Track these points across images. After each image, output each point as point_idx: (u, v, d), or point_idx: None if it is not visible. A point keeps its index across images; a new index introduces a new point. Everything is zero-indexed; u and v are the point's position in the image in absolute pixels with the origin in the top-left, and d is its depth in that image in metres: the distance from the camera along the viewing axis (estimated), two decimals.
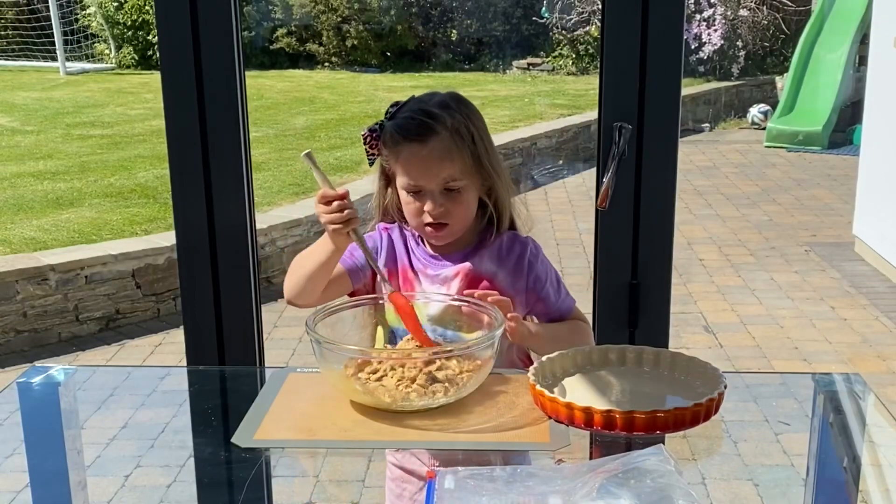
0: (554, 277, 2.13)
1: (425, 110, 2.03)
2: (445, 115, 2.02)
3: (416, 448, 1.89)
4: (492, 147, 2.08)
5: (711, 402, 1.65)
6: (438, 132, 2.00)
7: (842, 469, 1.84)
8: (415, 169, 2.02)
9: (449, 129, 2.01)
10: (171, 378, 2.39)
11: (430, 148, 2.00)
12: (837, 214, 7.67)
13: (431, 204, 2.02)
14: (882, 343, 5.17)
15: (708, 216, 7.69)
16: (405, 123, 2.03)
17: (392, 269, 2.14)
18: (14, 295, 5.24)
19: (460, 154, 2.01)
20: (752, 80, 12.30)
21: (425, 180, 2.02)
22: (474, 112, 2.08)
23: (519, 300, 2.08)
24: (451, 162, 2.01)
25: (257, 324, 2.70)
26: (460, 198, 2.03)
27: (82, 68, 14.16)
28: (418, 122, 2.01)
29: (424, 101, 2.08)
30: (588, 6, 12.37)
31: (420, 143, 2.00)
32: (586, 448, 1.72)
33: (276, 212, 6.67)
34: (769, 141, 10.37)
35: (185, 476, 1.87)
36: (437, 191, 2.02)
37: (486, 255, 2.10)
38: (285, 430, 1.75)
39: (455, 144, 2.01)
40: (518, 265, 2.09)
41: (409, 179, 2.03)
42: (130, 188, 7.59)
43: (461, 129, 2.01)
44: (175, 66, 2.56)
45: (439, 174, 2.01)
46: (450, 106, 2.04)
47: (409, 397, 1.72)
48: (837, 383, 2.05)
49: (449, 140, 2.00)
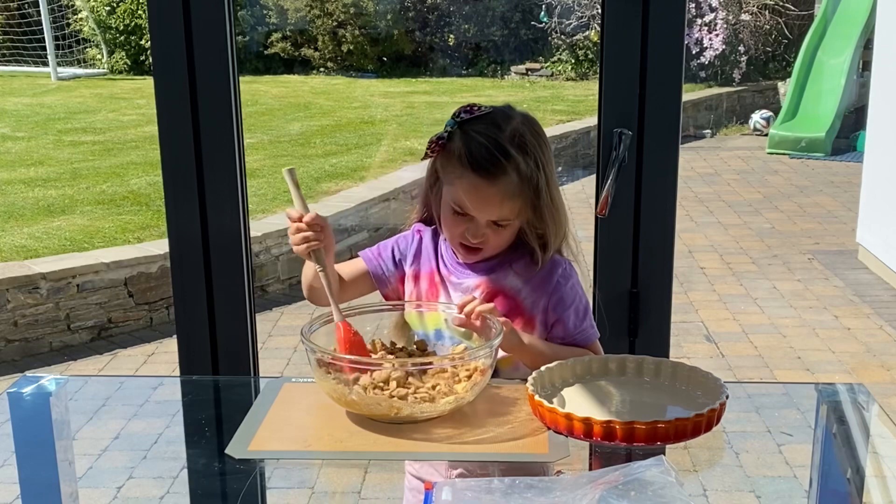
0: (582, 305, 2.08)
1: (501, 145, 1.96)
2: (520, 158, 1.96)
3: (411, 459, 1.87)
4: (554, 189, 2.03)
5: (713, 412, 1.64)
6: (508, 174, 1.95)
7: (845, 480, 1.83)
8: (472, 200, 1.97)
9: (519, 173, 1.96)
10: (164, 388, 2.37)
11: (495, 188, 1.96)
12: (841, 222, 7.67)
13: (475, 231, 1.99)
14: (886, 353, 5.15)
15: (709, 224, 7.68)
16: (477, 152, 1.96)
17: (419, 271, 2.13)
18: (5, 304, 5.22)
19: (522, 199, 1.98)
20: (754, 85, 12.31)
21: (478, 213, 1.98)
22: (546, 149, 2.03)
23: (539, 319, 2.05)
24: (510, 203, 1.97)
25: (251, 333, 2.69)
26: (503, 232, 2.01)
27: (74, 73, 14.15)
28: (490, 158, 1.95)
29: (500, 126, 1.99)
30: (588, 10, 12.37)
31: (487, 180, 1.95)
32: (586, 459, 1.71)
33: (271, 219, 6.66)
34: (771, 147, 10.37)
35: (178, 487, 1.86)
36: (484, 223, 1.99)
37: (513, 269, 2.07)
38: (280, 441, 1.74)
39: (519, 187, 1.96)
40: (543, 283, 2.05)
41: (461, 204, 1.99)
42: (123, 195, 7.58)
43: (532, 177, 1.97)
44: (168, 71, 2.55)
45: (494, 213, 1.98)
46: (526, 145, 1.98)
47: (405, 408, 1.70)
48: (841, 393, 2.04)
49: (516, 185, 1.96)
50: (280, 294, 6.16)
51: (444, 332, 2.00)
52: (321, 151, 8.99)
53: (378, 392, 1.71)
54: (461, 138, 1.99)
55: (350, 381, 1.73)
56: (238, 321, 2.68)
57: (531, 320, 2.04)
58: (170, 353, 5.15)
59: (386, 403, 1.70)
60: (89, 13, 14.40)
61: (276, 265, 6.21)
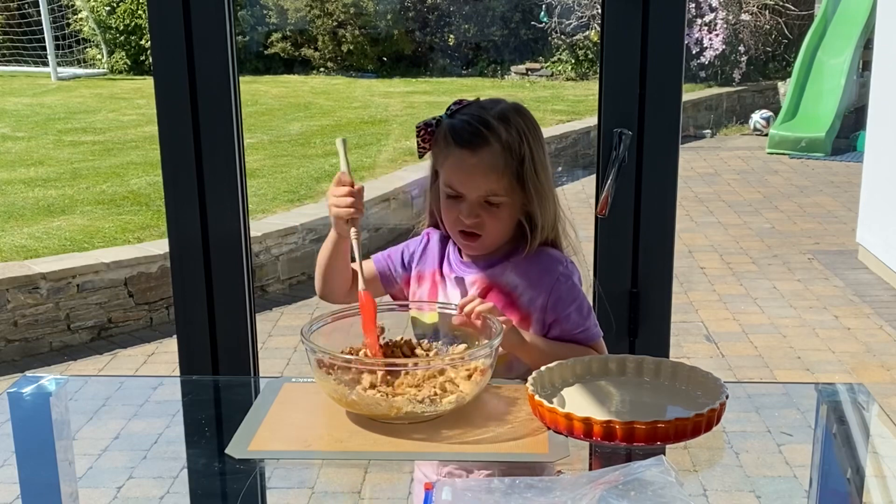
0: (583, 305, 2.08)
1: (483, 118, 2.00)
2: (502, 128, 1.98)
3: (411, 459, 1.87)
4: (543, 169, 2.03)
5: (713, 412, 1.63)
6: (490, 143, 1.97)
7: (845, 480, 1.83)
8: (459, 175, 2.00)
9: (502, 142, 1.98)
10: (164, 388, 2.37)
11: (478, 158, 1.98)
12: (841, 222, 7.66)
13: (467, 212, 2.00)
14: (886, 353, 5.15)
15: (709, 223, 7.68)
16: (460, 127, 2.01)
17: (423, 273, 2.14)
18: (5, 304, 5.21)
19: (507, 171, 1.99)
20: (754, 85, 12.30)
21: (466, 189, 2.00)
22: (533, 129, 2.04)
23: (536, 317, 2.05)
24: (496, 176, 1.98)
25: (251, 333, 2.69)
26: (497, 213, 2.01)
27: (74, 73, 14.12)
28: (473, 130, 1.99)
29: (486, 107, 2.04)
30: (588, 10, 12.35)
31: (470, 150, 1.98)
32: (586, 459, 1.71)
33: (271, 219, 6.66)
34: (771, 147, 10.35)
35: (178, 487, 1.86)
36: (475, 201, 2.00)
37: (513, 266, 2.07)
38: (280, 441, 1.74)
39: (504, 160, 1.98)
40: (542, 281, 2.05)
41: (451, 184, 2.02)
42: (123, 195, 7.57)
43: (514, 146, 1.98)
44: (168, 71, 2.54)
45: (482, 186, 1.99)
46: (509, 119, 2.01)
47: (405, 407, 1.70)
48: (841, 393, 2.04)
49: (499, 154, 1.98)
50: (280, 294, 6.16)
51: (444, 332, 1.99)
52: (321, 151, 8.98)
53: (378, 392, 1.70)
54: (447, 122, 2.03)
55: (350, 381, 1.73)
56: (238, 321, 2.67)
57: (527, 317, 2.04)
58: (170, 353, 5.14)
59: (386, 403, 1.69)
60: (89, 13, 14.38)
61: (276, 265, 6.21)
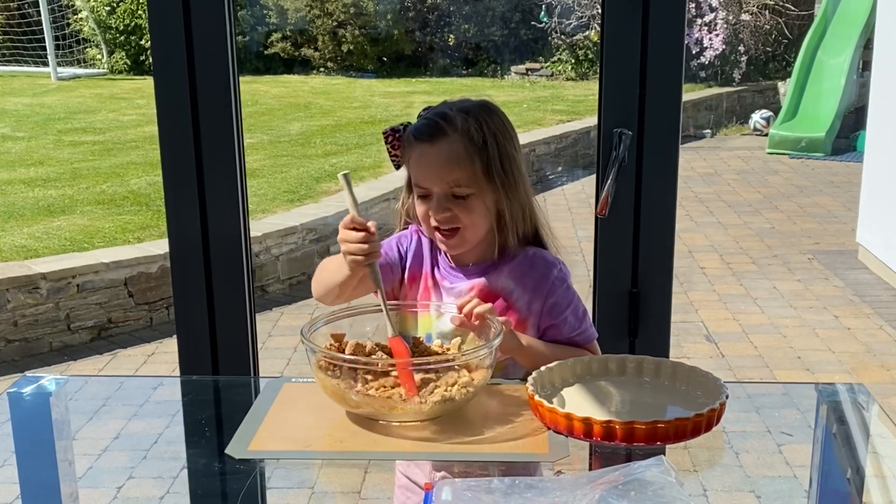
0: (578, 307, 2.07)
1: (441, 112, 2.00)
2: (459, 118, 1.98)
3: (411, 459, 1.87)
4: (509, 160, 2.01)
5: (713, 412, 1.63)
6: (448, 134, 1.97)
7: (845, 480, 1.83)
8: (423, 169, 1.99)
9: (459, 131, 1.96)
10: (164, 388, 2.37)
11: (437, 149, 1.97)
12: (841, 222, 7.66)
13: (436, 207, 1.98)
14: (886, 353, 5.14)
15: (709, 224, 7.68)
16: (419, 124, 2.01)
17: (416, 274, 2.12)
18: (5, 304, 5.21)
19: (469, 160, 1.96)
20: (754, 85, 12.31)
21: (430, 182, 1.99)
22: (497, 121, 2.02)
23: (531, 321, 2.04)
24: (457, 166, 1.96)
25: (251, 333, 2.69)
26: (466, 205, 1.98)
27: (74, 73, 14.14)
28: (431, 123, 1.99)
29: (449, 104, 2.04)
30: (588, 10, 12.36)
31: (429, 143, 1.98)
32: (586, 459, 1.71)
33: (271, 219, 6.66)
34: (771, 147, 10.36)
35: (178, 487, 1.86)
36: (443, 195, 1.98)
37: (506, 271, 2.05)
38: (280, 441, 1.74)
39: (465, 149, 1.96)
40: (538, 285, 2.04)
41: (417, 181, 2.01)
42: (123, 195, 7.57)
43: (473, 135, 1.96)
44: (168, 71, 2.54)
45: (444, 177, 1.97)
46: (469, 111, 2.00)
47: (405, 408, 1.70)
48: (841, 393, 2.04)
49: (458, 143, 1.96)
50: (280, 294, 6.16)
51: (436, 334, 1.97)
52: (321, 151, 8.99)
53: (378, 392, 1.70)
54: (412, 125, 2.03)
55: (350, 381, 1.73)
56: (238, 321, 2.67)
57: (524, 322, 2.04)
58: (170, 353, 5.14)
59: (386, 403, 1.69)
60: (89, 13, 14.39)
61: (276, 265, 6.21)
